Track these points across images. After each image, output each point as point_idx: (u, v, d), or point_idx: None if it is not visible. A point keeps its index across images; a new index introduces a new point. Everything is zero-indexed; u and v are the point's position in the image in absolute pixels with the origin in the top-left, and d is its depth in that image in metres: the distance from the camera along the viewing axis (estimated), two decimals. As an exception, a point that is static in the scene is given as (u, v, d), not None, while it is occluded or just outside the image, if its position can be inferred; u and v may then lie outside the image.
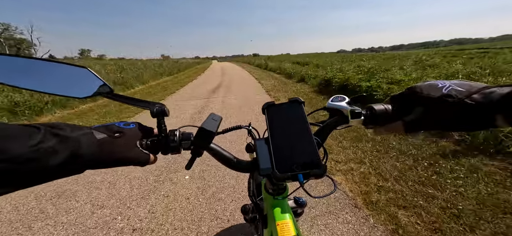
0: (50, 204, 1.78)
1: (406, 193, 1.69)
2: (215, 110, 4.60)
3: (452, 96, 0.33)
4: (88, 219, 1.60)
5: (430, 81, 0.38)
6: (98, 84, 0.40)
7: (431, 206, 1.53)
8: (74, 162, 0.27)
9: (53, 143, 0.25)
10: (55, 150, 0.25)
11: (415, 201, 1.59)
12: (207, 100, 5.70)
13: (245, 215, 0.83)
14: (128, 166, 0.35)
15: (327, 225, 1.46)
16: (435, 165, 2.00)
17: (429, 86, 0.37)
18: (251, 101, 5.32)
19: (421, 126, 0.38)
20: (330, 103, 0.47)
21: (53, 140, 0.26)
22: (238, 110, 4.54)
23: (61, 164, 0.26)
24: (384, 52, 34.81)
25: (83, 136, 0.29)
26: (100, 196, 1.85)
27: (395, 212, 1.50)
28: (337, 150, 2.45)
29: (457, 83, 0.35)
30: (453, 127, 0.35)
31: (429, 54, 12.94)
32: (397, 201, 1.61)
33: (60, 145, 0.26)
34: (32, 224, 1.57)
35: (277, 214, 0.52)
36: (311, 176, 0.37)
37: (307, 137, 0.41)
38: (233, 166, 0.46)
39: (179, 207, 1.69)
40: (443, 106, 0.34)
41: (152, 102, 0.41)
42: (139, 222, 1.55)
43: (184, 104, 5.31)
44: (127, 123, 0.37)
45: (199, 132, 0.40)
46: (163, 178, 2.08)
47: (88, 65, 0.38)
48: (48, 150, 0.25)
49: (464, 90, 0.33)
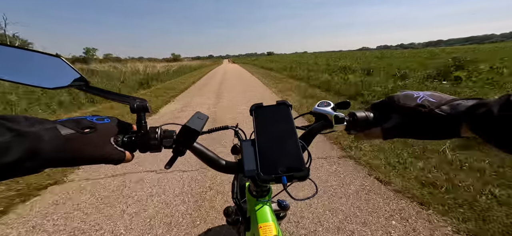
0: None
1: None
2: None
3: (425, 106, 0.36)
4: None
5: (407, 91, 0.41)
6: (73, 75, 0.38)
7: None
8: (31, 159, 0.25)
9: (6, 138, 0.23)
10: (7, 146, 0.23)
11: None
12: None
13: (228, 217, 0.81)
14: (99, 164, 0.32)
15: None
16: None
17: (405, 96, 0.40)
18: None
19: (397, 133, 0.40)
20: (316, 108, 0.48)
21: (7, 135, 0.23)
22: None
23: (14, 162, 0.23)
24: (414, 49, 33.28)
25: (44, 131, 0.26)
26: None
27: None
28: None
29: (429, 94, 0.38)
30: (424, 136, 0.38)
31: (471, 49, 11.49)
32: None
33: (14, 140, 0.23)
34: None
35: (260, 216, 0.52)
36: (294, 179, 0.37)
37: (292, 140, 0.41)
38: (218, 167, 0.45)
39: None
40: (417, 115, 0.36)
41: (132, 97, 0.39)
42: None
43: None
44: (100, 118, 0.35)
45: (182, 130, 0.38)
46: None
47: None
48: (0, 145, 0.22)
49: (435, 101, 0.36)
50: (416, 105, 0.37)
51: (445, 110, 0.34)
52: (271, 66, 17.41)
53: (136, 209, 1.63)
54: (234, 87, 7.74)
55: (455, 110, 0.33)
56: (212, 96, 6.12)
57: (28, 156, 0.24)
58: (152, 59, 44.93)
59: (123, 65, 14.61)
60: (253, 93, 6.35)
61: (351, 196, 1.70)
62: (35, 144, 0.25)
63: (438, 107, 0.35)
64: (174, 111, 4.72)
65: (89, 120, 0.33)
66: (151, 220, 1.52)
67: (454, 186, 1.71)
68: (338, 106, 0.48)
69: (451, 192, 1.65)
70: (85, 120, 0.32)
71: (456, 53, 10.09)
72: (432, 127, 0.35)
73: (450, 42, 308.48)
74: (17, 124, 0.25)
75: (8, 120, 0.24)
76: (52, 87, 0.38)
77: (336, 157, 2.33)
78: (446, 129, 0.34)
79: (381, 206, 1.58)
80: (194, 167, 2.16)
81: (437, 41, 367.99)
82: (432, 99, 0.37)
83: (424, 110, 0.36)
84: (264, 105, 0.50)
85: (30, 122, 0.26)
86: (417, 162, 2.09)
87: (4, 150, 0.22)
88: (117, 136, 0.36)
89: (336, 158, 2.31)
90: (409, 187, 1.74)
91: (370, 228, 1.40)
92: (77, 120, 0.31)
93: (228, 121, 3.63)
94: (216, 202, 1.70)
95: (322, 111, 0.46)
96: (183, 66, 18.82)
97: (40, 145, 0.25)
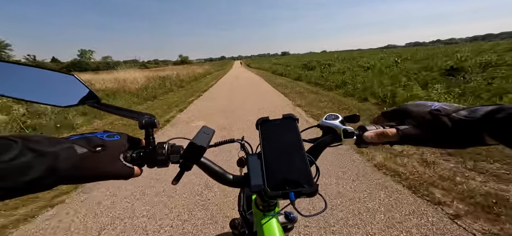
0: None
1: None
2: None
3: (441, 111, 0.35)
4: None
5: (420, 101, 0.40)
6: (85, 92, 0.39)
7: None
8: (50, 177, 0.26)
9: (29, 158, 0.24)
10: (30, 165, 0.24)
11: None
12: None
13: (234, 230, 0.80)
14: (108, 180, 0.33)
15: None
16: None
17: (418, 105, 0.39)
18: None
19: (414, 140, 0.37)
20: (324, 121, 0.47)
21: (29, 155, 0.24)
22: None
23: (35, 180, 0.24)
24: (452, 44, 27.39)
25: (62, 150, 0.27)
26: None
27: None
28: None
29: (443, 103, 0.37)
30: (445, 142, 0.36)
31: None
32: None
33: (35, 160, 0.24)
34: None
35: (267, 231, 0.51)
36: (302, 195, 0.36)
37: (300, 154, 0.41)
38: (224, 181, 0.44)
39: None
40: (435, 120, 0.35)
41: (141, 113, 0.40)
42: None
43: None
44: (111, 135, 0.35)
45: (189, 147, 0.39)
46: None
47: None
48: (22, 165, 0.23)
49: (451, 108, 0.35)
50: (432, 110, 0.36)
51: (462, 115, 0.33)
52: (293, 72, 12.51)
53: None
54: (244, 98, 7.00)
55: (473, 115, 0.32)
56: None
57: (47, 174, 0.25)
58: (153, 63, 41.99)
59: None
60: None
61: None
62: (54, 163, 0.26)
63: (455, 112, 0.34)
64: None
65: (100, 138, 0.33)
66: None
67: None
68: (347, 119, 0.47)
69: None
70: (96, 138, 0.33)
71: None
72: (453, 133, 0.33)
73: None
74: (38, 145, 0.26)
75: (30, 140, 0.26)
76: (65, 105, 0.39)
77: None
78: (467, 137, 0.32)
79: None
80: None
81: (485, 35, 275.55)
82: (448, 107, 0.36)
83: (441, 115, 0.34)
84: (270, 119, 0.50)
85: (50, 142, 0.27)
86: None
87: (26, 170, 0.24)
88: (126, 152, 0.37)
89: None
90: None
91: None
92: (88, 137, 0.32)
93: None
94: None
95: (330, 125, 0.46)
96: (168, 77, 12.00)
97: (57, 164, 0.26)
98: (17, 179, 0.23)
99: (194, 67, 26.99)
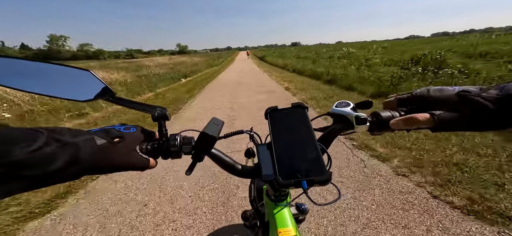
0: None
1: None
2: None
3: (470, 92, 0.32)
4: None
5: (438, 86, 0.37)
6: (100, 87, 0.40)
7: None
8: (73, 167, 0.27)
9: (53, 148, 0.25)
10: (55, 155, 0.25)
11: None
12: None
13: (246, 221, 0.81)
14: (126, 171, 0.34)
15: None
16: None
17: (439, 90, 0.36)
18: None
19: (452, 125, 0.33)
20: (335, 109, 0.46)
21: (54, 145, 0.25)
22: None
23: (59, 170, 0.25)
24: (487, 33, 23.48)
25: (83, 141, 0.28)
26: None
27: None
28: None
29: (464, 86, 0.34)
30: (488, 125, 0.32)
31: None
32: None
33: (60, 150, 0.25)
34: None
35: (279, 221, 0.51)
36: (315, 183, 0.36)
37: (310, 143, 0.41)
38: (234, 172, 0.45)
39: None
40: (471, 103, 0.31)
41: (154, 106, 0.41)
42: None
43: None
44: (127, 127, 0.36)
45: (200, 137, 0.39)
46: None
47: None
48: (48, 155, 0.24)
49: (477, 89, 0.32)
50: (459, 92, 0.32)
51: (495, 94, 0.29)
52: (324, 73, 7.05)
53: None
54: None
55: (505, 91, 0.29)
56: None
57: (70, 163, 0.26)
58: (147, 53, 35.51)
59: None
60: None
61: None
62: (76, 153, 0.27)
63: (486, 92, 0.30)
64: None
65: (117, 130, 0.34)
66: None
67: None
68: (359, 106, 0.46)
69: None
70: (114, 130, 0.34)
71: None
72: (496, 113, 0.30)
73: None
74: (62, 135, 0.27)
75: (54, 131, 0.27)
76: (83, 99, 0.40)
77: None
78: (508, 112, 0.29)
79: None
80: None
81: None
82: (473, 88, 0.32)
83: (473, 96, 0.31)
84: (280, 108, 0.50)
85: (72, 133, 0.28)
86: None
87: (51, 159, 0.25)
88: (142, 144, 0.38)
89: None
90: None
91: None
92: (107, 130, 0.33)
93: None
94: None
95: (341, 112, 0.45)
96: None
97: (79, 154, 0.27)
98: (44, 168, 0.24)
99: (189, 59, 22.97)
